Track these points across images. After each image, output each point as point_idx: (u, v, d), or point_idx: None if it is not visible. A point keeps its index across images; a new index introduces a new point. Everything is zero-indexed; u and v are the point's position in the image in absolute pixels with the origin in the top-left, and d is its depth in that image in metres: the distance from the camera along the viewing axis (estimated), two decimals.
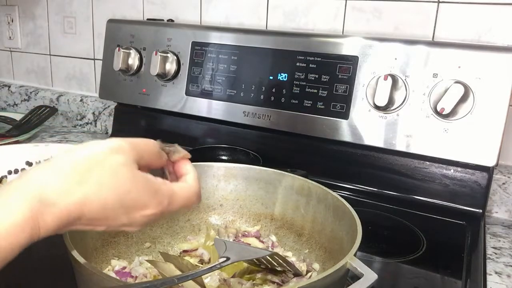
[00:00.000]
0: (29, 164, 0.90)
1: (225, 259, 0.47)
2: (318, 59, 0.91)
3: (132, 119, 1.20)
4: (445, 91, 0.78)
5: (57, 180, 0.35)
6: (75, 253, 0.43)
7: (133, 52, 1.10)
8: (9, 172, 0.87)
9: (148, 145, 0.42)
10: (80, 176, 0.35)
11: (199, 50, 1.03)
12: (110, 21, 1.17)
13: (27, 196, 0.33)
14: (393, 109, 0.84)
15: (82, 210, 0.35)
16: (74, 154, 0.37)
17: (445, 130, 0.81)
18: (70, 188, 0.35)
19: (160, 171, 0.45)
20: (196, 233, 0.67)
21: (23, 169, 0.88)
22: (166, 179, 0.42)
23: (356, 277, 0.43)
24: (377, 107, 0.84)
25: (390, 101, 0.83)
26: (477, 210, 0.83)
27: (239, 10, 1.10)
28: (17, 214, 0.32)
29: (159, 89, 1.09)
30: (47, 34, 1.43)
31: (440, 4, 0.90)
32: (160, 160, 0.43)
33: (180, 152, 0.45)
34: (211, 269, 0.45)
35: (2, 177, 0.85)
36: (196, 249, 0.63)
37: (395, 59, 0.84)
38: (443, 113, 0.79)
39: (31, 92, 1.45)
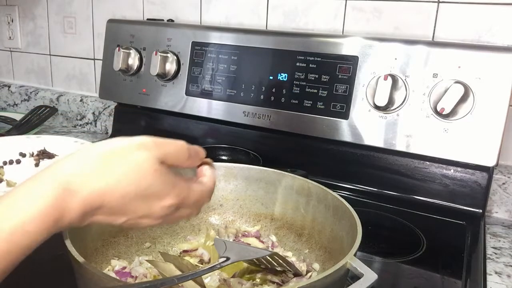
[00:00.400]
0: (23, 155, 0.92)
1: (225, 259, 0.47)
2: (318, 59, 0.90)
3: (132, 119, 1.20)
4: (445, 91, 0.78)
5: (82, 171, 0.36)
6: (75, 253, 0.43)
7: (133, 52, 1.10)
8: (4, 163, 0.89)
9: (176, 148, 0.42)
10: (104, 167, 0.37)
11: (199, 50, 1.03)
12: (110, 21, 1.17)
13: (53, 184, 0.35)
14: (393, 109, 0.84)
15: (103, 199, 0.37)
16: (100, 147, 0.39)
17: (445, 130, 0.80)
18: (93, 178, 0.36)
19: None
20: (196, 233, 0.67)
21: (17, 160, 0.91)
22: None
23: (356, 277, 0.43)
24: (377, 107, 0.84)
25: (390, 101, 0.83)
26: (477, 210, 0.83)
27: (239, 10, 1.10)
28: (44, 201, 0.34)
29: (159, 89, 1.09)
30: (47, 34, 1.43)
31: (440, 4, 0.90)
32: (188, 162, 0.44)
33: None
34: (211, 269, 0.45)
35: None
36: (196, 249, 0.63)
37: (395, 59, 0.84)
38: (443, 113, 0.79)
39: (31, 92, 1.45)
